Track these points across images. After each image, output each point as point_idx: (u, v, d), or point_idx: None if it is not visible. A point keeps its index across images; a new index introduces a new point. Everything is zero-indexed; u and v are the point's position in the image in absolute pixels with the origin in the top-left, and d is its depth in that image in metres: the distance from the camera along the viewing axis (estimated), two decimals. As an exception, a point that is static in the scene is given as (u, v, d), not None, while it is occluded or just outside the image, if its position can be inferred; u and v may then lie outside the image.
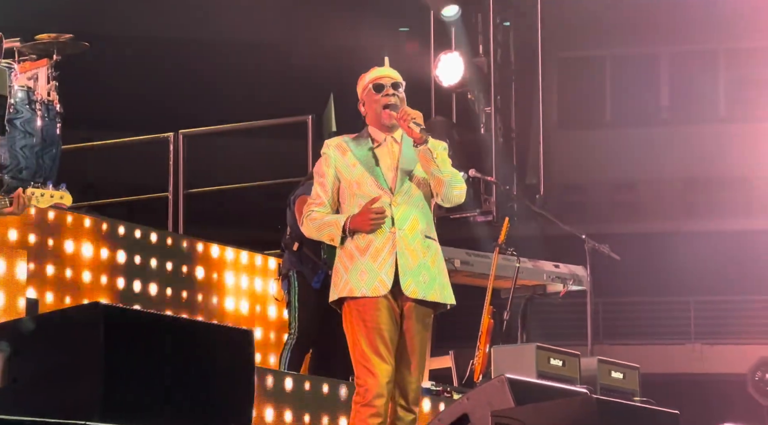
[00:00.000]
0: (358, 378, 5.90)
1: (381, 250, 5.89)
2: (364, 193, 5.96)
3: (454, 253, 10.50)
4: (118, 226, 9.33)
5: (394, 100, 6.01)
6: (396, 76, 6.12)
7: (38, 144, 9.43)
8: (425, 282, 5.95)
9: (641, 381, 9.71)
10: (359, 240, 5.90)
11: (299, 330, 8.76)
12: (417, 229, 5.97)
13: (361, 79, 6.15)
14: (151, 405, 4.11)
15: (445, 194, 5.99)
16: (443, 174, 5.95)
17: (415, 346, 5.96)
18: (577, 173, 20.90)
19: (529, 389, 5.97)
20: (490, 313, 9.28)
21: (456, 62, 12.23)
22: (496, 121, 12.24)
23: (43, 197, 6.55)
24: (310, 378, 8.11)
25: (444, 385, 9.57)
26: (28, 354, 4.25)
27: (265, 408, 7.70)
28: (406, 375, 5.95)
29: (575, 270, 10.83)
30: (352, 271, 5.91)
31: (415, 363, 5.96)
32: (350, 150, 6.03)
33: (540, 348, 9.27)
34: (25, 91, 9.48)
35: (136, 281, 9.34)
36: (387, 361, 5.85)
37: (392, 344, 5.89)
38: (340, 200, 6.04)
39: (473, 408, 5.84)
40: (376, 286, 5.87)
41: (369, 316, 5.86)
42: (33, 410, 3.87)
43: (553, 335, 12.82)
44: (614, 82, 22.94)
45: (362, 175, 5.97)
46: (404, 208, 5.95)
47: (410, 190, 5.99)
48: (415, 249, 5.95)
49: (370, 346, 5.85)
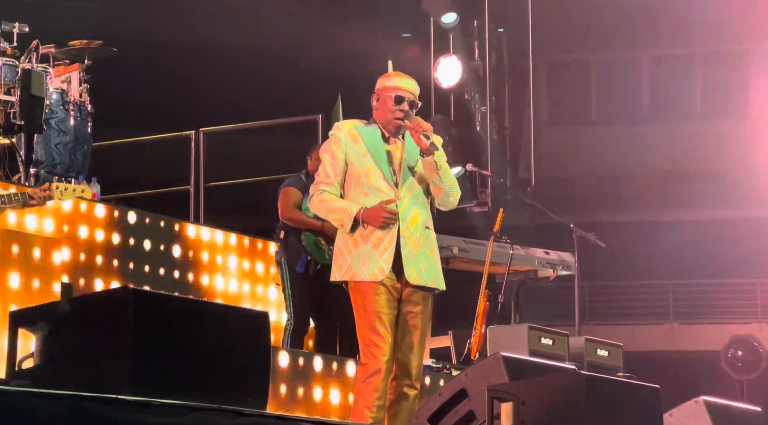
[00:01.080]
0: (360, 358, 5.93)
1: (383, 239, 5.89)
2: (371, 184, 5.95)
3: (453, 241, 10.50)
4: (145, 217, 9.33)
5: (417, 120, 5.99)
6: (415, 93, 6.08)
7: (71, 141, 9.45)
8: (425, 270, 5.97)
9: (624, 358, 9.70)
10: (363, 230, 5.91)
11: (295, 315, 8.77)
12: (418, 221, 5.98)
13: (386, 78, 6.09)
14: (175, 380, 4.12)
15: (442, 200, 6.03)
16: (444, 183, 5.98)
17: (415, 328, 5.98)
18: (566, 167, 20.88)
19: (522, 366, 5.96)
20: (485, 296, 9.28)
21: (454, 65, 12.23)
22: (491, 120, 12.23)
23: (66, 191, 6.57)
24: (321, 356, 8.12)
25: (443, 363, 9.57)
26: (63, 334, 4.26)
27: (279, 385, 7.72)
28: (409, 355, 5.96)
29: (564, 256, 10.83)
30: (355, 256, 5.91)
31: (416, 344, 5.97)
32: (361, 138, 6.00)
33: (532, 328, 9.26)
34: (59, 93, 9.50)
35: (161, 267, 9.35)
36: (385, 340, 5.86)
37: (390, 326, 5.90)
38: (345, 185, 6.03)
39: (471, 384, 5.83)
40: (375, 273, 5.88)
41: (369, 301, 5.88)
42: (69, 384, 3.87)
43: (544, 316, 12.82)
44: (599, 83, 22.92)
45: (372, 167, 5.95)
46: (407, 201, 5.96)
47: (412, 185, 5.99)
48: (417, 240, 5.96)
49: (369, 329, 5.87)
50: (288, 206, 8.79)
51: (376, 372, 5.85)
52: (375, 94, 6.07)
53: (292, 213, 8.77)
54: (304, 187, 8.86)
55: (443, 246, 10.46)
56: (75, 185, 6.78)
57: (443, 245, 10.46)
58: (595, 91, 23.00)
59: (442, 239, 10.50)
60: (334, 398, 8.03)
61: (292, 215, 8.77)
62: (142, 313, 4.10)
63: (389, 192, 5.93)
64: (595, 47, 22.06)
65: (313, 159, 8.95)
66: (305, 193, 8.84)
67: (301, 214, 8.78)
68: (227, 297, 9.77)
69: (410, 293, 5.95)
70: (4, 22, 9.53)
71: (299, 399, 7.82)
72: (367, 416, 5.83)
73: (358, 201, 5.94)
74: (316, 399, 7.92)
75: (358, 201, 5.94)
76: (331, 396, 8.03)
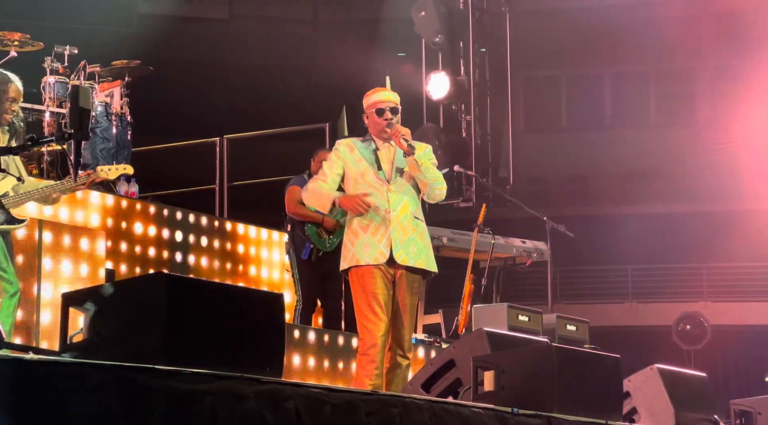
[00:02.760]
0: (359, 333, 5.94)
1: (380, 227, 5.92)
2: (367, 182, 6.00)
3: (442, 232, 10.49)
4: (176, 212, 9.32)
5: (395, 126, 6.03)
6: (395, 100, 6.12)
7: (113, 147, 9.44)
8: (414, 253, 5.97)
9: (590, 332, 9.70)
10: (362, 221, 5.95)
11: (303, 297, 8.77)
12: (407, 211, 5.99)
13: (367, 97, 6.15)
14: (203, 353, 4.11)
15: (428, 194, 6.05)
16: (427, 178, 6.00)
17: (406, 307, 5.97)
18: (539, 168, 20.86)
19: (502, 339, 5.96)
20: (470, 280, 9.27)
21: (443, 80, 12.21)
22: (474, 127, 12.22)
23: (110, 171, 6.51)
24: (328, 332, 8.11)
25: (435, 337, 9.57)
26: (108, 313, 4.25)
27: (292, 356, 7.70)
28: (401, 330, 5.96)
29: (538, 245, 10.82)
30: (357, 245, 5.94)
31: (407, 320, 5.97)
32: (357, 148, 6.08)
33: (510, 307, 9.26)
34: (103, 106, 9.49)
35: (191, 255, 9.34)
36: (381, 318, 5.86)
37: (386, 305, 5.90)
38: (344, 187, 6.06)
39: (458, 355, 5.84)
40: (377, 256, 5.91)
41: (367, 283, 5.88)
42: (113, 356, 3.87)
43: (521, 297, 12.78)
44: (568, 96, 22.90)
45: (366, 168, 6.01)
46: (397, 195, 5.99)
47: (402, 181, 6.04)
48: (406, 227, 5.97)
49: (366, 307, 5.87)
50: (293, 202, 8.80)
51: (372, 346, 5.86)
52: (364, 114, 6.13)
53: (296, 208, 8.78)
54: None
55: (434, 236, 10.43)
56: (117, 165, 6.72)
57: (434, 236, 10.44)
58: (564, 102, 22.98)
59: (434, 230, 10.49)
60: (341, 367, 8.02)
61: (296, 210, 8.78)
62: (173, 295, 4.09)
63: (382, 188, 5.96)
64: (565, 65, 22.05)
65: (316, 161, 8.96)
66: None
67: (304, 209, 8.78)
68: (248, 280, 9.77)
69: (401, 276, 5.96)
70: (57, 46, 9.53)
71: (310, 369, 7.81)
72: (366, 383, 5.84)
73: (357, 191, 5.99)
74: (324, 369, 7.91)
75: (357, 191, 5.99)
76: (338, 365, 8.02)
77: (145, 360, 3.80)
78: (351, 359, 7.97)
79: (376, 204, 5.95)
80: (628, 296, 21.22)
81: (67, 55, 9.50)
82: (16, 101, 6.16)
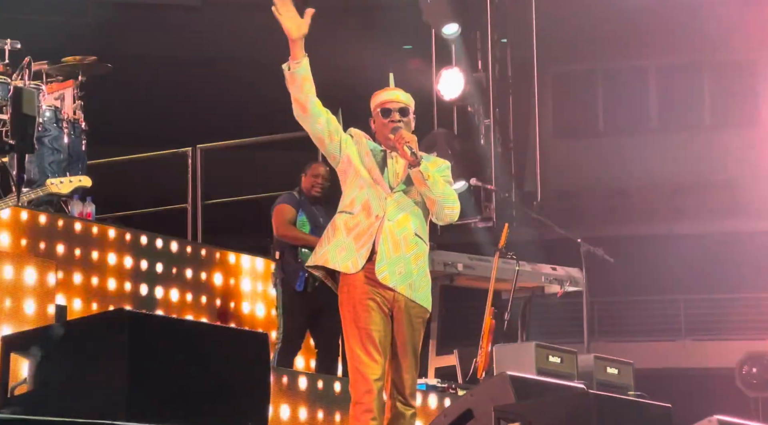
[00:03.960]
0: (351, 378, 5.95)
1: (364, 234, 5.90)
2: (368, 179, 5.96)
3: (457, 258, 10.50)
4: (141, 236, 9.34)
5: (400, 126, 6.01)
6: (405, 100, 6.10)
7: (65, 159, 9.46)
8: (400, 274, 5.92)
9: (635, 376, 9.69)
10: (350, 220, 5.93)
11: (283, 337, 8.79)
12: (406, 225, 5.95)
13: (374, 97, 6.14)
14: (173, 405, 4.11)
15: (436, 212, 6.01)
16: (434, 194, 5.95)
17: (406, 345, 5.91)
18: (572, 180, 20.88)
19: (530, 385, 5.96)
20: (491, 314, 9.27)
21: (456, 77, 12.24)
22: (494, 132, 12.23)
23: (62, 184, 6.51)
24: (322, 377, 8.10)
25: (449, 382, 9.55)
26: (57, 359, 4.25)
27: (280, 407, 7.70)
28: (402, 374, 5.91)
29: (571, 272, 10.81)
30: (333, 244, 5.92)
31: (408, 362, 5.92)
32: (368, 144, 6.06)
33: (539, 346, 9.25)
34: (52, 111, 9.51)
35: (158, 287, 9.35)
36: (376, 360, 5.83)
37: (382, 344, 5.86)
38: (341, 177, 6.06)
39: (477, 404, 5.83)
40: (348, 265, 5.88)
41: (360, 316, 5.86)
42: (63, 411, 3.87)
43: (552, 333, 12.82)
44: (606, 94, 22.92)
45: (373, 166, 5.98)
46: (397, 205, 5.96)
47: (408, 192, 5.99)
48: (398, 242, 5.92)
49: (359, 347, 5.85)
50: (283, 223, 8.81)
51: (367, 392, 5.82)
52: (371, 117, 6.13)
53: (287, 230, 8.79)
54: (297, 204, 8.90)
55: (448, 262, 10.48)
56: (71, 177, 6.72)
57: (447, 262, 10.48)
58: (601, 101, 23.00)
59: (447, 255, 10.53)
60: (338, 419, 8.01)
61: (287, 232, 8.79)
62: (138, 336, 4.09)
63: (382, 192, 5.96)
64: (601, 57, 22.07)
65: (308, 175, 8.99)
66: (299, 209, 8.89)
67: (296, 230, 8.79)
68: (229, 318, 9.76)
69: (400, 310, 5.92)
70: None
71: (301, 422, 7.80)
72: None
73: (352, 187, 5.98)
74: (318, 421, 7.90)
75: (353, 187, 5.98)
76: (335, 417, 8.01)
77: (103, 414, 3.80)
78: (336, 408, 7.96)
79: (372, 205, 5.94)
80: (681, 332, 21.19)
81: (8, 50, 9.53)
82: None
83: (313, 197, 8.96)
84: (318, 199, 8.95)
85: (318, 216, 8.84)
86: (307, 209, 8.92)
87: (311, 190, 8.97)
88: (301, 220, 8.87)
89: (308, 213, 8.90)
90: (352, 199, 5.98)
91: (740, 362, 16.84)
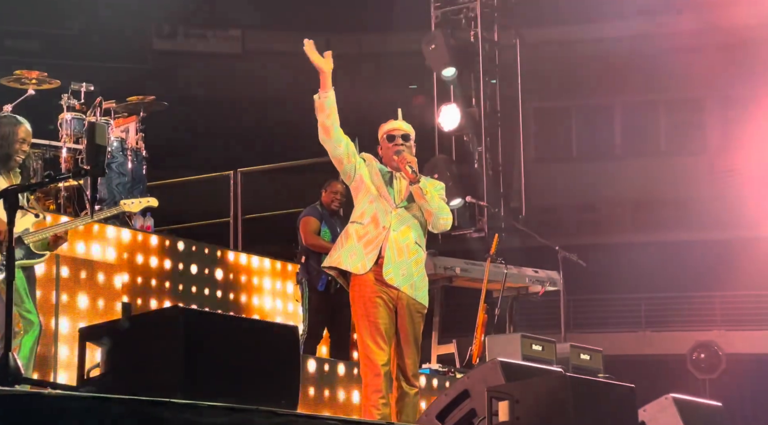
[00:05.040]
0: (361, 363, 5.95)
1: (372, 241, 5.92)
2: (376, 195, 5.98)
3: (456, 262, 10.47)
4: (192, 245, 9.33)
5: (402, 150, 6.04)
6: (406, 129, 6.15)
7: (129, 182, 9.47)
8: (403, 276, 5.93)
9: (604, 361, 9.64)
10: (360, 230, 5.95)
11: (308, 331, 8.77)
12: (408, 235, 5.98)
13: (381, 127, 6.20)
14: (219, 386, 4.11)
15: (433, 222, 6.05)
16: (431, 207, 5.99)
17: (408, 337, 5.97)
18: (551, 198, 20.83)
19: (516, 369, 5.94)
20: (484, 309, 9.24)
21: (454, 112, 12.24)
22: (486, 158, 12.22)
23: (134, 204, 6.53)
24: (328, 361, 8.06)
25: (449, 367, 9.53)
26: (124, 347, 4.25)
27: (308, 387, 7.68)
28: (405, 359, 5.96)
29: (551, 274, 10.78)
30: (345, 249, 5.95)
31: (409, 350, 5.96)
32: (377, 165, 6.10)
33: (524, 336, 9.22)
34: (119, 141, 9.53)
35: (206, 288, 9.34)
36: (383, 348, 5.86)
37: (387, 334, 5.88)
38: (353, 195, 6.07)
39: (472, 385, 5.81)
40: (358, 267, 5.89)
41: (370, 312, 5.87)
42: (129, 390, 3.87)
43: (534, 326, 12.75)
44: (578, 126, 22.91)
45: (381, 185, 6.01)
46: (400, 218, 5.99)
47: (410, 208, 6.03)
48: (402, 249, 5.95)
49: (369, 338, 5.87)
50: (309, 233, 8.82)
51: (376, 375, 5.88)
52: (378, 145, 6.16)
53: (314, 239, 8.80)
54: (320, 216, 8.92)
55: (448, 266, 10.45)
56: (140, 198, 6.75)
57: (447, 266, 10.45)
58: (575, 132, 22.99)
59: (447, 261, 10.50)
60: (342, 397, 7.98)
61: (314, 241, 8.79)
62: (190, 329, 4.10)
63: (388, 207, 5.97)
64: (575, 95, 22.07)
65: (328, 191, 9.00)
66: (321, 220, 8.91)
67: (321, 240, 8.79)
68: (263, 312, 9.75)
69: (403, 307, 5.94)
70: (74, 83, 9.59)
71: (309, 399, 7.75)
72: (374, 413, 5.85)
73: (363, 202, 5.98)
74: (324, 399, 7.86)
75: (364, 202, 5.98)
76: (352, 397, 7.98)
77: (162, 393, 3.79)
78: (352, 389, 7.94)
79: (379, 218, 5.95)
80: (642, 325, 21.12)
81: (84, 92, 9.56)
82: (25, 142, 6.23)
83: (332, 210, 8.97)
84: (335, 211, 8.96)
85: (336, 226, 8.84)
86: (328, 221, 8.93)
87: (331, 204, 8.98)
88: (324, 231, 8.88)
89: (329, 225, 8.90)
90: (363, 211, 6.00)
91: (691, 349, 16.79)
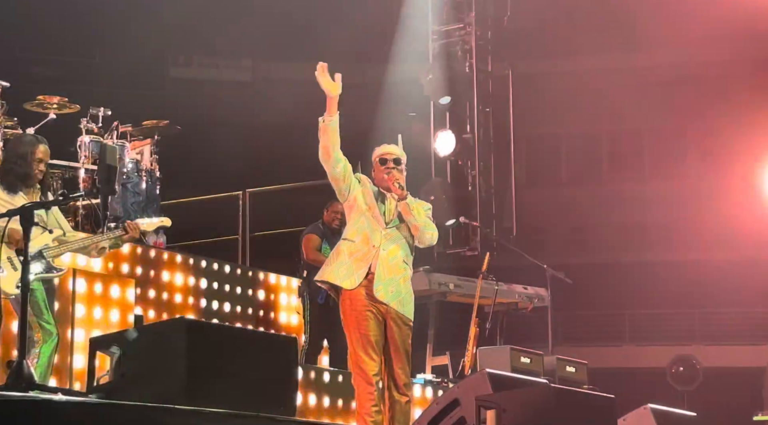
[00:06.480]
0: (354, 374, 5.93)
1: (362, 258, 5.93)
2: (368, 214, 5.99)
3: (449, 279, 10.45)
4: (201, 260, 9.31)
5: (393, 172, 6.04)
6: (397, 153, 6.18)
7: (143, 201, 9.46)
8: (391, 293, 5.92)
9: (588, 373, 9.60)
10: (352, 247, 5.95)
11: (309, 342, 8.76)
12: (397, 254, 5.99)
13: (374, 151, 6.23)
14: (220, 393, 4.09)
15: (419, 238, 6.06)
16: (417, 222, 6.02)
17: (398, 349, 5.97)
18: (540, 219, 20.83)
19: (504, 380, 5.91)
20: (476, 324, 9.22)
21: (450, 138, 12.23)
22: (479, 181, 12.21)
23: (149, 224, 6.52)
24: (329, 370, 8.02)
25: (442, 378, 9.49)
26: (132, 355, 4.23)
27: (309, 395, 7.64)
28: (396, 369, 5.96)
29: (539, 291, 10.76)
30: (336, 264, 5.96)
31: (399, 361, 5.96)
32: (369, 187, 6.10)
33: (513, 349, 9.18)
34: (134, 163, 9.53)
35: (214, 301, 9.32)
36: (374, 359, 5.87)
37: (377, 345, 5.89)
38: (346, 213, 6.06)
39: (462, 394, 5.78)
40: (347, 282, 5.90)
41: (361, 324, 5.87)
42: (136, 396, 3.85)
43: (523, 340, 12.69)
44: (568, 152, 22.92)
45: (373, 205, 6.02)
46: (390, 238, 6.00)
47: (399, 228, 6.05)
48: (391, 267, 5.96)
49: (361, 350, 5.88)
50: (311, 250, 8.85)
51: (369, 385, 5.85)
52: (372, 168, 6.18)
53: (315, 255, 8.81)
54: (322, 234, 8.95)
55: (441, 283, 10.43)
56: (155, 218, 6.75)
57: (442, 282, 10.43)
58: (564, 158, 23.00)
59: (441, 277, 10.47)
60: (340, 404, 7.93)
61: (315, 257, 8.79)
62: (193, 339, 4.08)
63: (377, 226, 5.97)
64: (564, 123, 22.10)
65: (329, 211, 9.01)
66: (323, 238, 8.93)
67: (322, 256, 8.78)
68: (270, 325, 9.72)
69: (391, 320, 5.95)
70: (92, 107, 9.60)
71: (311, 407, 7.71)
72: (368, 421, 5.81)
73: (356, 221, 5.99)
74: (325, 406, 7.82)
75: (356, 221, 5.98)
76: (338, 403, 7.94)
77: (167, 400, 3.77)
78: (351, 397, 7.89)
79: (370, 236, 5.94)
80: (625, 339, 21.07)
81: (102, 116, 9.56)
82: (43, 162, 6.23)
83: (333, 228, 8.98)
84: (336, 230, 8.96)
85: (336, 244, 8.82)
86: (329, 238, 8.95)
87: (332, 223, 9.01)
88: (325, 248, 8.89)
89: (330, 242, 8.90)
90: (355, 229, 6.01)
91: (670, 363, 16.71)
